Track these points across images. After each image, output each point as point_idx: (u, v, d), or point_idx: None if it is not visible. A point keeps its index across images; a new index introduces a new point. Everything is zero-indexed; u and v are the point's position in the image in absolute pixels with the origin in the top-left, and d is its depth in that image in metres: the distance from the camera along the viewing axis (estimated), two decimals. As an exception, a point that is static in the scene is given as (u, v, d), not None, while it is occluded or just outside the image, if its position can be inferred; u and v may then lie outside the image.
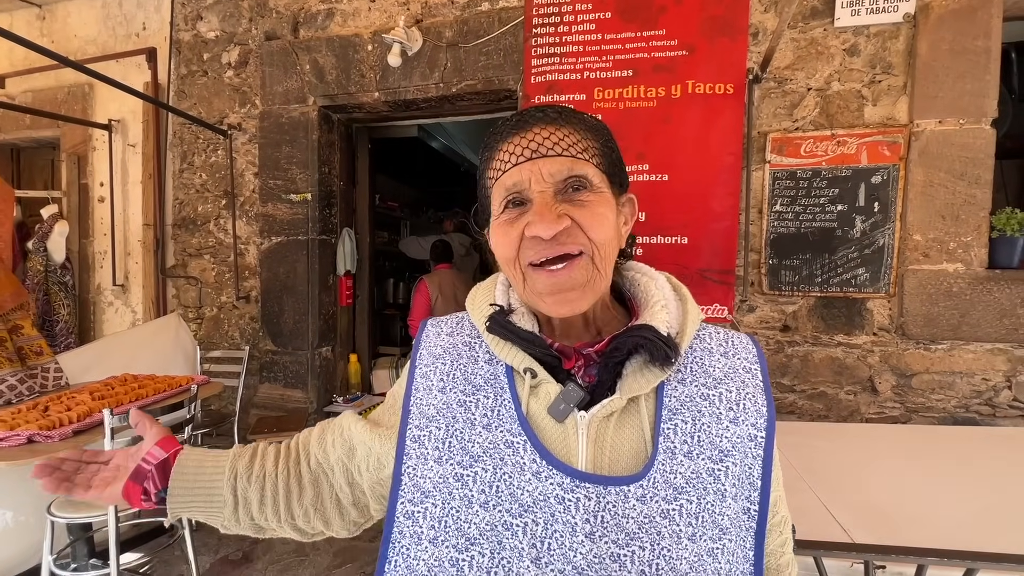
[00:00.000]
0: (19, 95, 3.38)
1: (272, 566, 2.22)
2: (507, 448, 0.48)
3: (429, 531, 0.47)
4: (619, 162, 0.55)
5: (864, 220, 2.22)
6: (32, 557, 1.98)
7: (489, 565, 0.45)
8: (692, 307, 0.54)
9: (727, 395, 0.51)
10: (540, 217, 0.48)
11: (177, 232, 3.17)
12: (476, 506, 0.47)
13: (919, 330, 2.17)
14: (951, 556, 0.86)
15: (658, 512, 0.46)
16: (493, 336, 0.53)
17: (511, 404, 0.51)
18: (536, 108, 0.53)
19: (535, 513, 0.46)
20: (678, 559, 0.44)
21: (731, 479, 0.48)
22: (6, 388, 2.02)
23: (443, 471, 0.49)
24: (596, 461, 0.48)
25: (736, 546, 0.47)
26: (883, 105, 2.20)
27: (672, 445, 0.48)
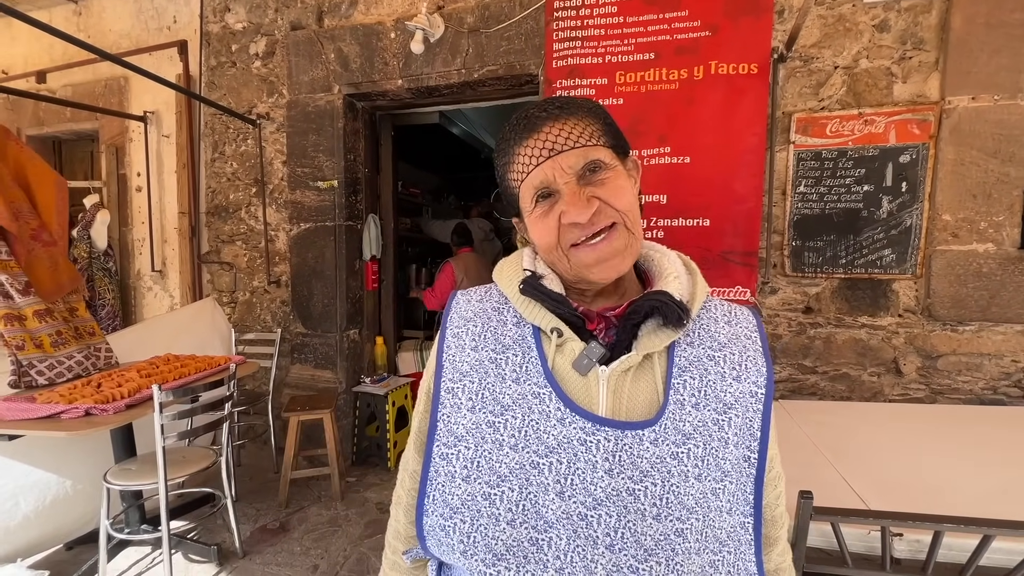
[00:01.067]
0: (59, 89, 3.52)
1: (307, 535, 2.35)
2: (535, 399, 0.54)
3: (462, 470, 0.54)
4: (619, 132, 0.61)
5: (891, 200, 2.19)
6: (89, 522, 2.14)
7: (518, 498, 0.51)
8: (700, 280, 0.60)
9: (731, 357, 0.57)
10: (572, 205, 0.54)
11: (210, 219, 3.29)
12: (507, 448, 0.53)
13: (946, 311, 2.15)
14: (967, 523, 0.89)
15: (669, 454, 0.51)
16: (524, 298, 0.59)
17: (538, 361, 0.56)
18: (538, 107, 0.58)
19: (559, 454, 0.52)
20: (685, 495, 0.50)
21: (733, 428, 0.53)
22: (75, 363, 2.17)
23: (476, 419, 0.55)
24: (615, 409, 0.54)
25: (737, 488, 0.52)
26: (913, 82, 2.15)
27: (682, 398, 0.54)
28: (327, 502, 2.64)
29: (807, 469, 1.32)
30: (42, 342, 2.12)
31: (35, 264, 2.18)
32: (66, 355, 2.17)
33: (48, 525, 2.01)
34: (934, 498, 1.16)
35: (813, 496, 0.95)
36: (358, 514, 2.53)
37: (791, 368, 2.36)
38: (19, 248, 2.12)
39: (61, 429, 1.70)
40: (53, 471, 2.02)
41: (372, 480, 2.89)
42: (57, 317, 2.21)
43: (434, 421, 0.57)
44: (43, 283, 2.19)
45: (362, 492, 2.75)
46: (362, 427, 3.11)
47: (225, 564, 2.13)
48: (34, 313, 2.12)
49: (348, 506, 2.60)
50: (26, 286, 2.11)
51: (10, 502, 1.87)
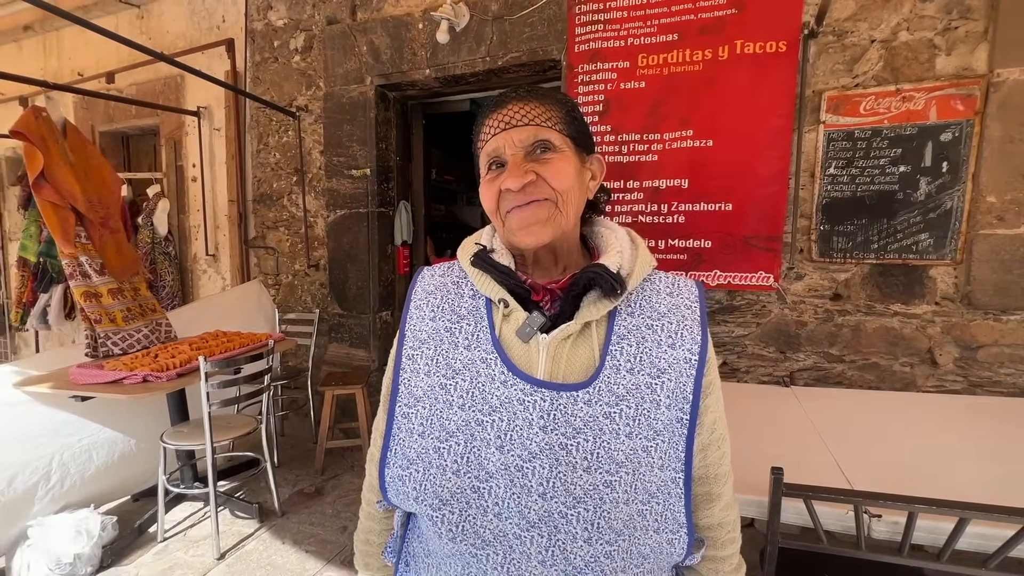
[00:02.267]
0: (125, 88, 3.84)
1: (340, 500, 2.53)
2: (482, 364, 0.60)
3: (419, 427, 0.60)
4: (583, 128, 0.66)
5: (930, 182, 2.07)
6: (151, 477, 2.40)
7: (463, 451, 0.58)
8: (643, 254, 0.64)
9: (668, 326, 0.61)
10: (511, 174, 0.60)
11: (257, 207, 3.52)
12: (456, 408, 0.59)
13: (988, 299, 2.02)
14: (941, 505, 0.89)
15: (601, 413, 0.56)
16: (475, 270, 0.65)
17: (487, 329, 0.62)
18: (511, 89, 0.64)
19: (501, 413, 0.58)
20: (616, 450, 0.55)
21: (666, 392, 0.58)
22: (143, 336, 2.44)
23: (431, 382, 0.62)
24: (552, 373, 0.59)
25: (669, 447, 0.57)
26: (958, 54, 2.01)
27: (617, 363, 0.58)
28: (359, 471, 2.83)
29: (801, 452, 1.32)
30: (115, 317, 2.38)
31: (105, 247, 2.44)
32: (135, 329, 2.43)
33: (116, 477, 2.28)
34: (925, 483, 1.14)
35: (783, 472, 0.97)
36: (386, 483, 2.69)
37: (816, 356, 2.30)
38: (93, 233, 2.38)
39: (123, 392, 1.93)
40: (120, 430, 2.28)
41: (401, 453, 3.05)
42: (127, 295, 2.47)
43: (396, 384, 0.64)
44: (112, 264, 2.45)
45: (391, 464, 2.91)
46: (393, 404, 3.27)
47: (265, 521, 2.34)
48: (108, 291, 2.38)
49: (378, 476, 2.77)
50: (101, 267, 2.38)
51: (85, 455, 2.14)
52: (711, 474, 0.64)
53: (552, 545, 0.55)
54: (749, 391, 1.94)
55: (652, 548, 0.56)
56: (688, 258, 2.40)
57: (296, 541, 2.20)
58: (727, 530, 0.67)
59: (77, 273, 2.31)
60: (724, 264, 2.35)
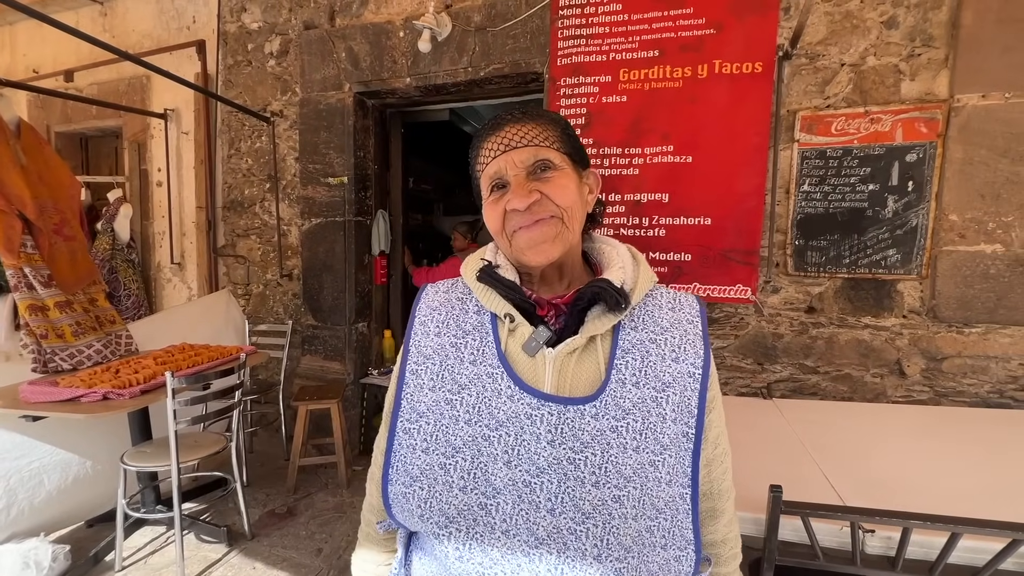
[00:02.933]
0: (86, 87, 3.66)
1: (314, 520, 2.43)
2: (488, 378, 0.60)
3: (422, 443, 0.59)
4: (578, 145, 0.67)
5: (897, 200, 2.17)
6: (108, 502, 2.25)
7: (470, 467, 0.56)
8: (645, 269, 0.65)
9: (671, 340, 0.61)
10: (515, 194, 0.61)
11: (227, 214, 3.39)
12: (462, 423, 0.58)
13: (952, 313, 2.12)
14: (935, 520, 0.90)
15: (608, 427, 0.56)
16: (480, 285, 0.65)
17: (493, 344, 0.62)
18: (507, 112, 0.65)
19: (507, 427, 0.57)
20: (623, 464, 0.54)
21: (671, 405, 0.57)
22: (94, 352, 2.28)
23: (436, 397, 0.61)
24: (559, 387, 0.59)
25: (676, 461, 0.56)
26: (922, 80, 2.12)
27: (623, 377, 0.58)
28: (333, 489, 2.73)
29: (790, 466, 1.33)
30: (63, 332, 2.23)
31: (56, 257, 2.29)
32: (86, 344, 2.28)
33: (70, 503, 2.12)
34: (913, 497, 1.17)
35: (783, 490, 0.98)
36: (363, 501, 2.60)
37: (792, 368, 2.36)
38: (42, 241, 2.24)
39: (80, 411, 1.80)
40: (75, 452, 2.13)
41: (378, 469, 2.96)
42: (77, 308, 2.32)
43: (398, 400, 0.63)
44: (63, 275, 2.30)
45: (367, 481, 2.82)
46: (369, 417, 3.19)
47: (234, 545, 2.22)
48: (55, 304, 2.23)
49: (353, 493, 2.68)
50: (48, 279, 2.23)
51: (35, 480, 1.99)
52: (715, 490, 0.64)
53: (562, 562, 0.53)
54: (731, 403, 1.96)
55: (660, 565, 0.55)
56: (668, 271, 2.43)
57: (268, 565, 2.09)
58: (730, 546, 0.68)
59: (22, 285, 2.16)
60: (703, 277, 2.39)
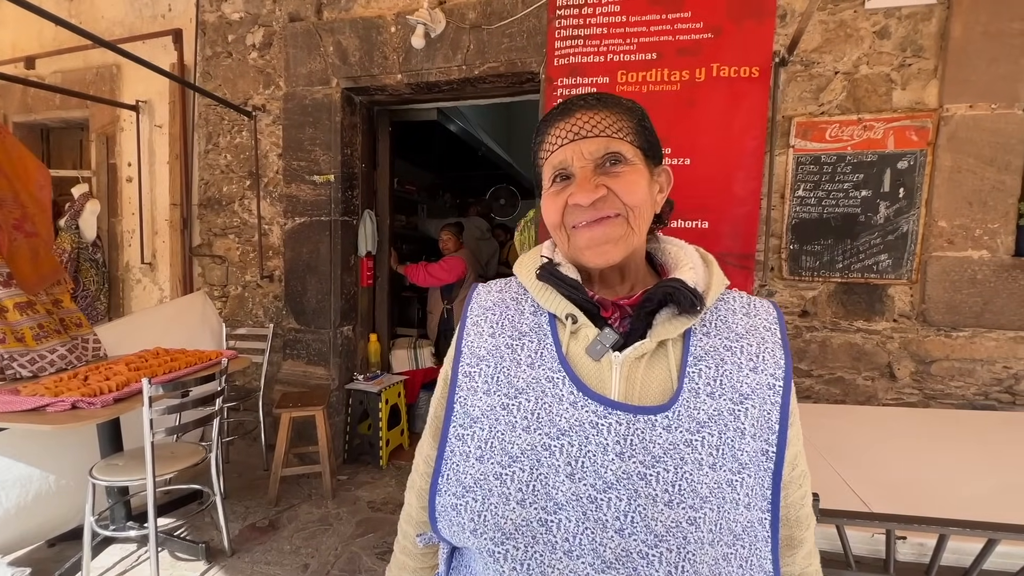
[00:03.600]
0: (48, 76, 3.44)
1: (298, 534, 2.31)
2: (548, 383, 0.55)
3: (476, 450, 0.54)
4: (653, 139, 0.62)
5: (888, 206, 2.21)
6: (74, 518, 2.09)
7: (529, 479, 0.51)
8: (717, 271, 0.61)
9: (748, 348, 0.56)
10: (580, 188, 0.56)
11: (203, 212, 3.23)
12: (519, 430, 0.53)
13: (941, 317, 2.17)
14: (973, 527, 0.89)
15: (682, 441, 0.51)
16: (541, 284, 0.60)
17: (552, 347, 0.57)
18: (579, 97, 0.60)
19: (571, 436, 0.52)
20: (699, 483, 0.49)
21: (750, 420, 0.52)
22: (58, 358, 2.11)
23: (491, 401, 0.55)
24: (627, 394, 0.54)
25: (755, 482, 0.51)
26: (912, 89, 2.17)
27: (696, 386, 0.53)
28: (318, 500, 2.61)
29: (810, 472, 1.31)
30: (23, 335, 2.06)
31: (16, 255, 2.12)
32: (48, 349, 2.11)
33: (30, 521, 1.95)
34: (934, 501, 1.16)
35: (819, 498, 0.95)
36: (349, 512, 2.50)
37: (786, 371, 2.37)
38: (0, 238, 2.06)
39: (46, 422, 1.65)
40: (36, 466, 1.96)
41: (364, 478, 2.86)
42: (40, 310, 2.15)
43: (451, 404, 0.58)
44: (25, 274, 2.13)
45: (353, 491, 2.71)
46: (354, 425, 3.07)
47: (213, 563, 2.09)
48: (15, 306, 2.06)
49: (339, 504, 2.57)
50: (7, 277, 2.06)
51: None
52: (792, 516, 0.59)
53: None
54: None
55: None
56: (665, 274, 2.42)
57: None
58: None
59: None
60: (700, 281, 2.38)
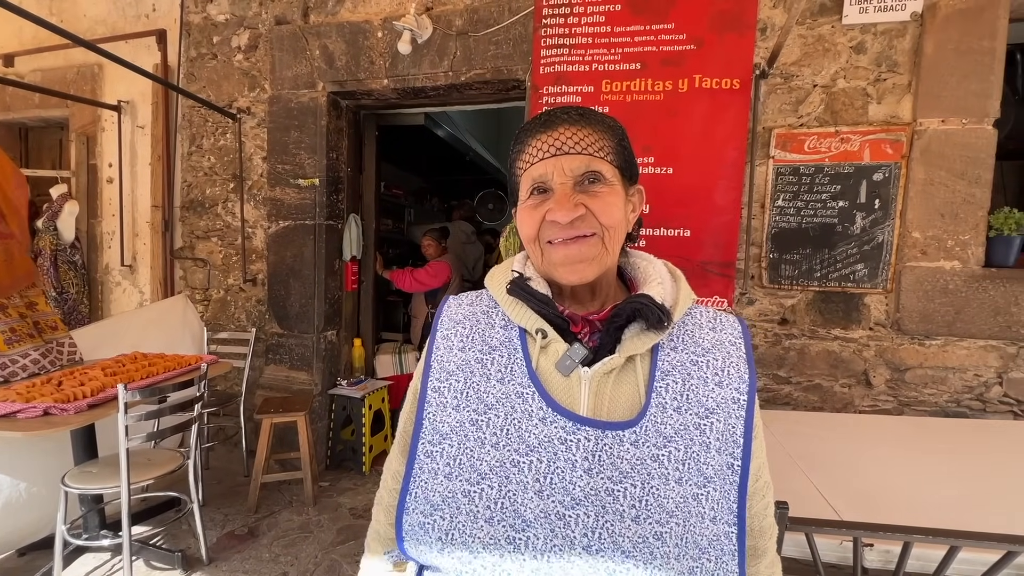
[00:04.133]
0: (28, 74, 3.38)
1: (277, 541, 2.29)
2: (518, 398, 0.55)
3: (445, 467, 0.54)
4: (631, 158, 0.63)
5: (864, 217, 2.26)
6: (45, 527, 2.04)
7: (497, 496, 0.51)
8: (684, 286, 0.61)
9: (714, 363, 0.57)
10: (559, 205, 0.56)
11: (185, 214, 3.19)
12: (488, 446, 0.53)
13: (914, 325, 2.21)
14: (936, 534, 0.91)
15: (649, 456, 0.51)
16: (511, 299, 0.60)
17: (523, 361, 0.57)
18: (562, 110, 0.60)
19: (539, 452, 0.52)
20: (666, 498, 0.50)
21: (715, 433, 0.53)
22: (30, 362, 2.07)
23: (460, 417, 0.55)
24: (596, 409, 0.54)
25: (720, 496, 0.52)
26: (887, 103, 2.22)
27: (663, 400, 0.54)
28: (299, 507, 2.58)
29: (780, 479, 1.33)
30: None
31: (-10, 257, 2.08)
32: (20, 353, 2.07)
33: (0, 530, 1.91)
34: (903, 508, 1.19)
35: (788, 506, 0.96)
36: (331, 520, 2.47)
37: (766, 378, 2.41)
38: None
39: (17, 429, 1.62)
40: (6, 473, 1.92)
41: (346, 485, 2.83)
42: (12, 313, 2.11)
43: (420, 419, 0.57)
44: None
45: (335, 497, 2.69)
46: (337, 430, 3.05)
47: (190, 571, 2.06)
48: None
49: (321, 511, 2.54)
50: None
51: (-42, 505, 1.77)
52: (755, 526, 0.60)
53: None
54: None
55: None
56: (648, 281, 2.44)
57: (228, 593, 1.94)
58: None
59: None
60: (682, 288, 2.41)
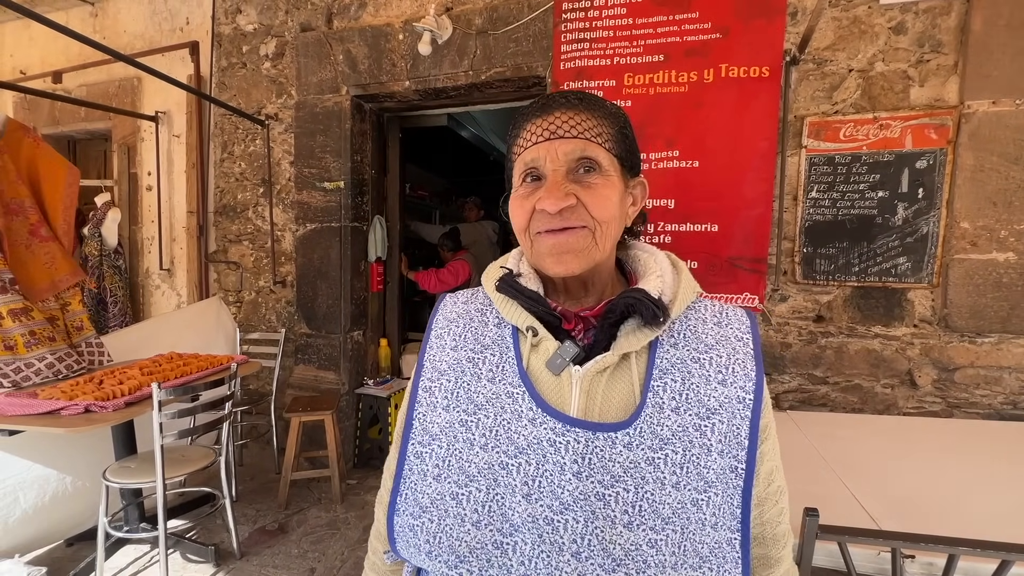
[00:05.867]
0: (74, 89, 3.57)
1: (306, 537, 2.33)
2: (508, 398, 0.53)
3: (434, 469, 0.52)
4: (633, 148, 0.59)
5: (907, 207, 2.13)
6: (89, 519, 2.14)
7: (484, 499, 0.49)
8: (686, 279, 0.58)
9: (717, 360, 0.53)
10: (549, 193, 0.53)
11: (218, 219, 3.30)
12: (477, 448, 0.52)
13: (964, 322, 2.07)
14: (985, 547, 0.84)
15: (643, 459, 0.49)
16: (501, 296, 0.58)
17: (514, 360, 0.56)
18: (560, 93, 0.57)
19: (528, 455, 0.50)
20: (661, 503, 0.47)
21: (717, 435, 0.50)
22: (45, 366, 2.08)
23: (450, 417, 0.54)
24: (587, 410, 0.52)
25: (723, 501, 0.48)
26: (931, 86, 2.09)
27: (660, 400, 0.51)
28: (327, 504, 2.62)
29: (814, 484, 1.27)
30: (15, 343, 2.03)
31: (30, 260, 2.15)
32: (37, 356, 2.08)
33: (47, 521, 2.01)
34: (948, 518, 1.11)
35: (819, 513, 0.91)
36: (357, 517, 2.51)
37: (801, 378, 2.30)
38: (12, 243, 2.09)
39: (61, 426, 1.70)
40: (53, 467, 2.02)
41: (373, 483, 2.87)
42: (35, 316, 2.12)
43: (410, 419, 0.57)
44: (36, 280, 2.15)
45: (362, 495, 2.73)
46: (364, 429, 3.09)
47: (222, 565, 2.12)
48: (9, 312, 2.03)
49: (348, 509, 2.58)
50: (9, 283, 2.06)
51: (9, 498, 1.88)
52: (768, 534, 0.56)
53: None
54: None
55: None
56: (674, 279, 2.38)
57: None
58: None
59: None
60: (710, 285, 2.33)
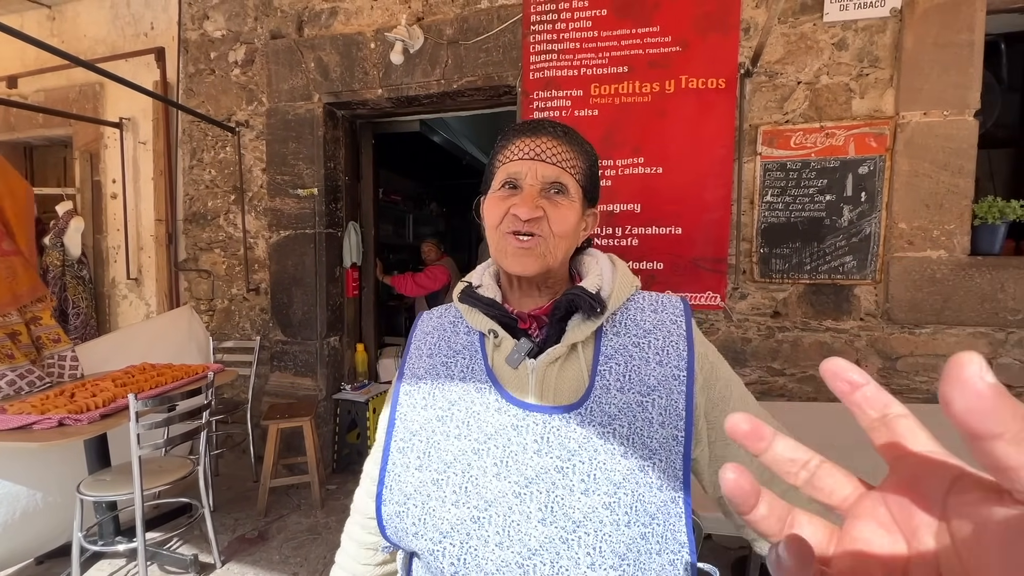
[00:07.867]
0: (31, 94, 3.46)
1: (287, 543, 2.34)
2: (477, 393, 0.62)
3: (416, 461, 0.61)
4: (596, 183, 0.69)
5: (851, 209, 2.30)
6: (60, 536, 2.11)
7: (462, 482, 0.58)
8: (623, 274, 0.67)
9: (655, 343, 0.62)
10: (524, 202, 0.62)
11: (188, 227, 3.26)
12: (452, 438, 0.60)
13: (904, 315, 2.26)
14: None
15: (596, 433, 0.57)
16: (463, 305, 0.67)
17: (481, 360, 0.64)
18: (549, 122, 0.67)
19: (496, 440, 0.58)
20: (612, 470, 0.55)
21: (658, 409, 0.58)
22: (5, 384, 2.07)
23: (428, 415, 0.63)
24: (542, 396, 0.61)
25: (666, 465, 0.57)
26: (870, 98, 2.27)
27: (607, 382, 0.60)
28: (307, 510, 2.64)
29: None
30: None
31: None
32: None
33: (18, 539, 1.97)
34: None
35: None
36: (338, 522, 2.53)
37: (761, 371, 2.45)
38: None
39: (33, 440, 1.68)
40: (23, 483, 1.98)
41: (352, 487, 2.87)
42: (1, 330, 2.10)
43: (392, 420, 0.64)
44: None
45: (342, 500, 2.75)
46: (343, 434, 3.10)
47: (202, 574, 2.11)
48: None
49: (328, 513, 2.60)
50: None
51: (-22, 515, 1.84)
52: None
53: (556, 572, 0.54)
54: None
55: (656, 572, 0.56)
56: (641, 280, 2.47)
57: (240, 594, 2.00)
58: None
59: None
60: (675, 285, 2.46)
